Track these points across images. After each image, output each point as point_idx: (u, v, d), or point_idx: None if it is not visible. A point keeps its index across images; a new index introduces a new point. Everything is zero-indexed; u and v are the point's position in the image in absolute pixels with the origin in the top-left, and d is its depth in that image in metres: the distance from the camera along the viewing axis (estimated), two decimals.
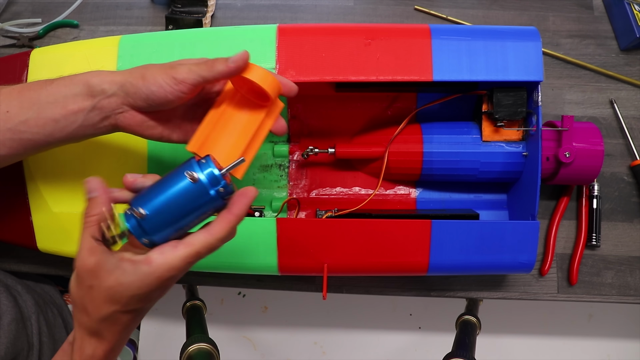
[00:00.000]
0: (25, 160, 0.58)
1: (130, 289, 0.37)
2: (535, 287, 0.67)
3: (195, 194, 0.38)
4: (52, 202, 0.58)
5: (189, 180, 0.38)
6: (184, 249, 0.38)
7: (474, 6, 0.76)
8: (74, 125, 0.45)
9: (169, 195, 0.38)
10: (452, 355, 0.54)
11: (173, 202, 0.38)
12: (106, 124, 0.46)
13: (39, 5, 0.76)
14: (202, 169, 0.39)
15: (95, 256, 0.37)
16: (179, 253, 0.38)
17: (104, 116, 0.45)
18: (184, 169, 0.39)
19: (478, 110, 0.61)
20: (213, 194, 0.38)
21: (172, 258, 0.38)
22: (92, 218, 0.38)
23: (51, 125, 0.45)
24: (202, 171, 0.38)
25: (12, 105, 0.45)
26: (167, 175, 0.40)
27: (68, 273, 0.68)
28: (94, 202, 0.39)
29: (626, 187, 0.69)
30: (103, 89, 0.44)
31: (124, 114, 0.45)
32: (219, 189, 0.38)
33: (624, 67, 0.73)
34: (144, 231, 0.38)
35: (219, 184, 0.38)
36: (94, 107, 0.44)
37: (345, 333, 1.09)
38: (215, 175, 0.38)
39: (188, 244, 0.38)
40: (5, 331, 0.58)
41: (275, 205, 0.65)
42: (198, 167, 0.39)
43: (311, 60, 0.55)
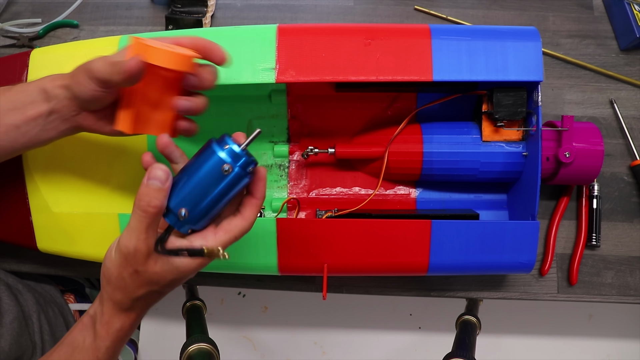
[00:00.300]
0: (25, 160, 0.58)
1: (173, 274, 0.39)
2: (535, 287, 0.67)
3: (228, 180, 0.39)
4: (52, 202, 0.58)
5: (220, 171, 0.39)
6: (224, 235, 0.40)
7: (474, 6, 0.76)
8: (36, 129, 0.46)
9: (204, 187, 0.39)
10: (452, 355, 0.54)
11: (208, 193, 0.39)
12: (68, 127, 0.47)
13: (39, 5, 0.76)
14: (222, 146, 0.39)
15: (147, 244, 0.38)
16: (219, 239, 0.40)
17: (63, 119, 0.47)
18: (211, 156, 0.39)
19: (478, 110, 0.61)
20: (239, 171, 0.39)
21: (215, 243, 0.40)
22: (154, 209, 0.38)
23: (14, 131, 0.46)
24: (227, 154, 0.39)
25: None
26: (194, 165, 0.40)
27: (68, 273, 0.68)
28: (161, 193, 0.38)
29: (626, 187, 0.69)
30: (56, 94, 0.45)
31: (79, 115, 0.46)
32: (243, 165, 0.39)
33: (624, 67, 0.73)
34: (185, 223, 0.40)
35: (242, 160, 0.39)
36: (51, 111, 0.46)
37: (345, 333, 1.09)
38: (238, 152, 0.39)
39: (227, 230, 0.40)
40: (8, 329, 0.58)
41: (275, 205, 0.65)
42: (222, 149, 0.39)
43: (311, 60, 0.55)
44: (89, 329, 0.41)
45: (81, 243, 0.58)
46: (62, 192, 0.59)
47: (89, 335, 0.41)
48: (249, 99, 0.65)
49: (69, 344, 0.41)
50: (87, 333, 0.41)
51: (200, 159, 0.40)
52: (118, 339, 0.41)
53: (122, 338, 0.42)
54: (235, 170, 0.39)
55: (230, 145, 0.39)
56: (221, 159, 0.39)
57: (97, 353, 0.41)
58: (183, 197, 0.39)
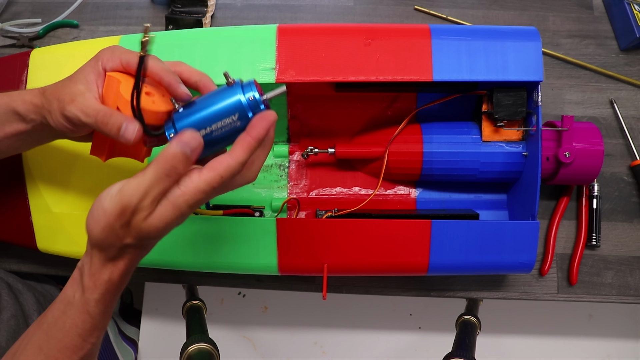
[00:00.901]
0: (25, 160, 0.58)
1: (160, 229, 0.38)
2: (535, 287, 0.67)
3: (226, 94, 0.40)
4: (52, 202, 0.58)
5: (226, 85, 0.40)
6: (208, 173, 0.38)
7: (474, 6, 0.76)
8: (18, 143, 0.48)
9: (205, 97, 0.41)
10: (452, 355, 0.54)
11: (206, 102, 0.40)
12: (50, 137, 0.48)
13: (39, 5, 0.76)
14: (244, 89, 0.40)
15: (153, 205, 0.37)
16: (203, 177, 0.38)
17: (44, 134, 0.47)
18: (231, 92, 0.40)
19: (478, 110, 0.61)
20: (244, 103, 0.39)
21: (199, 181, 0.38)
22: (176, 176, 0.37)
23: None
24: (243, 90, 0.40)
25: None
26: (211, 93, 0.41)
27: (68, 273, 0.68)
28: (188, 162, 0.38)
29: (626, 187, 0.69)
30: (32, 118, 0.45)
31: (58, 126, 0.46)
32: (250, 97, 0.40)
33: (624, 67, 0.73)
34: (173, 126, 0.40)
35: (250, 91, 0.40)
36: (31, 130, 0.46)
37: (345, 333, 1.09)
38: (250, 81, 0.40)
39: (211, 168, 0.38)
40: (5, 325, 0.58)
41: (275, 205, 0.65)
42: (240, 87, 0.40)
43: (311, 60, 0.55)
44: (78, 282, 0.40)
45: (81, 243, 0.58)
46: (62, 192, 0.59)
47: (78, 289, 0.39)
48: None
49: (61, 300, 0.40)
50: (77, 287, 0.39)
51: (221, 91, 0.41)
52: (107, 291, 0.39)
53: (111, 290, 0.40)
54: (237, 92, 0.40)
55: (253, 92, 0.40)
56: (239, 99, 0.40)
57: (86, 306, 0.39)
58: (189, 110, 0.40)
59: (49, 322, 0.40)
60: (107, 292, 0.39)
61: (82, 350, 0.40)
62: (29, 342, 0.40)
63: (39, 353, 0.39)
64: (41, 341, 0.39)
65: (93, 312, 0.39)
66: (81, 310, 0.39)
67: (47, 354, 0.39)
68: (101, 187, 0.60)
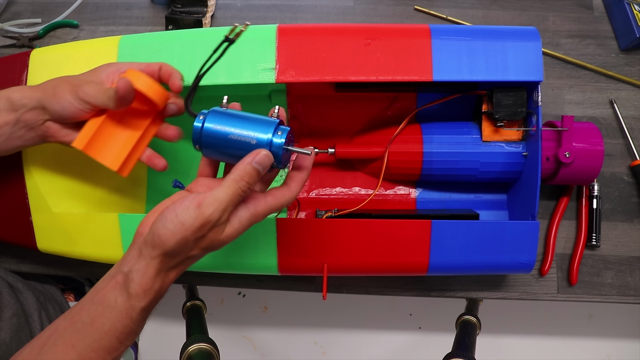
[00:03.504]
0: (26, 160, 0.58)
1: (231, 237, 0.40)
2: (535, 287, 0.67)
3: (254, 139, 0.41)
4: (52, 202, 0.58)
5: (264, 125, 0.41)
6: (274, 201, 0.42)
7: (474, 6, 0.76)
8: (2, 138, 0.49)
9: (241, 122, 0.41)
10: (452, 355, 0.54)
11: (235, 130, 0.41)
12: (33, 136, 0.50)
13: (39, 5, 0.76)
14: (276, 133, 0.41)
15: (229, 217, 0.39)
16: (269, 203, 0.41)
17: (29, 128, 0.49)
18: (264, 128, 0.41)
19: (478, 110, 0.61)
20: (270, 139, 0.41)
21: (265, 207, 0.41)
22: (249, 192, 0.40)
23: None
24: (275, 133, 0.41)
25: None
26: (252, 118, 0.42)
27: (68, 273, 0.68)
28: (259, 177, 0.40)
29: (626, 187, 0.69)
30: (24, 104, 0.48)
31: (45, 125, 0.50)
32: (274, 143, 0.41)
33: (624, 67, 0.73)
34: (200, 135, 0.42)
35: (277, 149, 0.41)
36: (17, 120, 0.49)
37: (345, 333, 1.09)
38: (279, 143, 0.41)
39: (276, 197, 0.42)
40: (7, 323, 0.58)
41: None
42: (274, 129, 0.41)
43: (311, 60, 0.55)
44: (122, 288, 0.39)
45: (81, 243, 0.58)
46: (62, 192, 0.59)
47: (121, 294, 0.39)
48: (249, 99, 0.65)
49: (99, 302, 0.40)
50: (120, 292, 0.39)
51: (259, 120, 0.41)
52: (154, 300, 0.40)
53: (158, 298, 0.41)
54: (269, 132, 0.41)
55: (281, 140, 0.41)
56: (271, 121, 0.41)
57: (131, 312, 0.39)
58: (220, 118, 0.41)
59: (84, 322, 0.39)
60: (154, 300, 0.40)
61: (117, 352, 0.40)
62: (60, 338, 0.39)
63: (71, 350, 0.39)
64: (74, 339, 0.39)
65: (136, 318, 0.40)
66: (124, 315, 0.39)
67: (80, 352, 0.39)
68: (101, 187, 0.60)
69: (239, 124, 0.41)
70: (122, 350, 0.41)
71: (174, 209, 0.38)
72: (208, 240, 0.39)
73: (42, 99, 0.48)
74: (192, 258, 0.40)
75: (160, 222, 0.38)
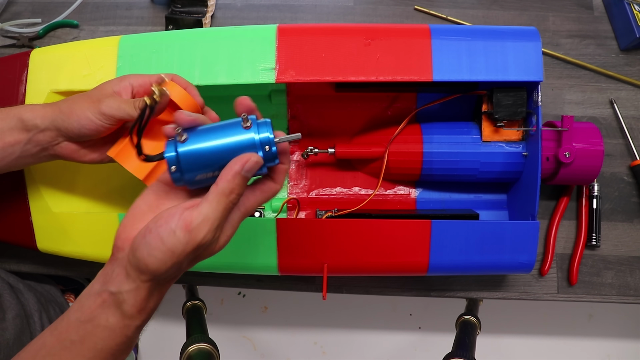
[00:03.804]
0: None
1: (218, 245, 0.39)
2: (535, 287, 0.67)
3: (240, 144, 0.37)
4: (52, 202, 0.58)
5: (241, 127, 0.37)
6: (261, 195, 0.39)
7: (474, 6, 0.76)
8: (13, 156, 0.48)
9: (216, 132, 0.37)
10: (452, 355, 0.54)
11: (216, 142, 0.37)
12: (45, 154, 0.49)
13: (39, 5, 0.76)
14: (260, 128, 0.38)
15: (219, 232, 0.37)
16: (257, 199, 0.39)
17: (41, 148, 0.48)
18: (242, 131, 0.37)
19: (478, 110, 0.61)
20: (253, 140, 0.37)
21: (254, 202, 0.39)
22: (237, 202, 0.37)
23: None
24: (258, 129, 0.37)
25: None
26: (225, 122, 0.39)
27: (68, 273, 0.68)
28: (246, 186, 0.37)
29: (626, 187, 0.69)
30: (36, 124, 0.47)
31: (59, 145, 0.48)
32: (266, 150, 0.37)
33: (624, 67, 0.73)
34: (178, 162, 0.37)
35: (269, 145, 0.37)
36: (29, 140, 0.47)
37: (345, 333, 1.09)
38: (268, 137, 0.37)
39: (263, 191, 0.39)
40: (11, 324, 0.58)
41: (275, 205, 0.65)
42: (256, 125, 0.38)
43: (311, 60, 0.55)
44: (113, 307, 0.38)
45: (81, 243, 0.58)
46: (62, 192, 0.59)
47: (113, 314, 0.37)
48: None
49: (87, 320, 0.38)
50: (111, 312, 0.37)
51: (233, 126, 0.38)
52: (149, 316, 0.39)
53: (152, 313, 0.39)
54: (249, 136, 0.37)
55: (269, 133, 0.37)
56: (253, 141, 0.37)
57: (126, 331, 0.38)
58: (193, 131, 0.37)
59: (73, 340, 0.38)
60: (148, 317, 0.39)
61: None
62: (48, 355, 0.38)
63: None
64: (65, 357, 0.38)
65: (131, 336, 0.39)
66: (118, 334, 0.38)
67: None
68: (101, 187, 0.60)
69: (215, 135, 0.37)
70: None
71: (158, 233, 0.35)
72: (202, 257, 0.38)
73: (56, 119, 0.46)
74: (184, 271, 0.39)
75: (146, 250, 0.35)
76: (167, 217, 0.35)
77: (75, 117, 0.46)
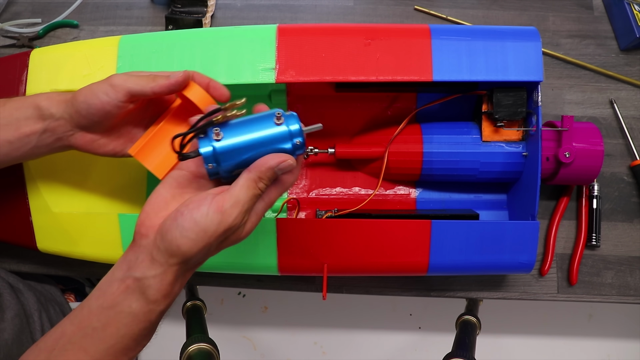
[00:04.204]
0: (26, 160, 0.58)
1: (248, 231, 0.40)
2: (535, 287, 0.67)
3: (274, 137, 0.39)
4: (52, 202, 0.58)
5: (274, 122, 0.39)
6: (282, 186, 0.40)
7: (474, 6, 0.76)
8: (28, 146, 0.48)
9: (249, 128, 0.39)
10: (452, 355, 0.54)
11: (251, 136, 0.39)
12: (60, 145, 0.48)
13: (39, 5, 0.76)
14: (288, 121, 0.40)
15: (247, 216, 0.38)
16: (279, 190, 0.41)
17: (56, 138, 0.48)
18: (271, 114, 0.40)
19: (478, 110, 0.61)
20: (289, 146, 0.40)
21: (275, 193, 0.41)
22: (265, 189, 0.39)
23: (6, 146, 0.47)
24: (287, 122, 0.39)
25: None
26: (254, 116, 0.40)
27: (68, 273, 0.68)
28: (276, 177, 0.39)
29: (626, 187, 0.69)
30: (51, 113, 0.46)
31: (74, 135, 0.48)
32: (295, 142, 0.40)
33: (624, 67, 0.73)
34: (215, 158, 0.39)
35: (298, 136, 0.40)
36: (45, 129, 0.47)
37: (345, 333, 1.09)
38: (299, 128, 0.40)
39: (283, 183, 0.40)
40: (10, 324, 0.58)
41: (275, 205, 0.65)
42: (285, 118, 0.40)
43: (311, 60, 0.55)
44: (136, 293, 0.38)
45: (81, 243, 0.58)
46: (62, 192, 0.59)
47: (137, 300, 0.38)
48: (249, 99, 0.65)
49: (109, 307, 0.38)
50: (135, 298, 0.38)
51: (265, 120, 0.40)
52: (172, 301, 0.40)
53: (175, 298, 0.40)
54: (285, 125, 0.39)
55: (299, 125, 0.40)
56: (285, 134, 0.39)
57: (149, 316, 0.38)
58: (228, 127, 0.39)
59: (95, 327, 0.38)
60: (172, 301, 0.40)
61: (134, 352, 0.40)
62: (69, 344, 0.38)
63: (84, 355, 0.38)
64: (86, 344, 0.38)
65: (155, 320, 0.39)
66: (141, 319, 0.38)
67: (94, 356, 0.38)
68: (101, 187, 0.60)
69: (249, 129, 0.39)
70: (139, 350, 0.40)
71: (191, 216, 0.36)
72: (229, 241, 0.39)
73: (72, 103, 0.45)
74: (209, 257, 0.40)
75: (178, 232, 0.36)
76: (199, 201, 0.37)
77: (83, 97, 0.45)
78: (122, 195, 0.63)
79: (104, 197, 0.61)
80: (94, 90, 0.44)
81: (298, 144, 0.40)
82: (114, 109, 0.45)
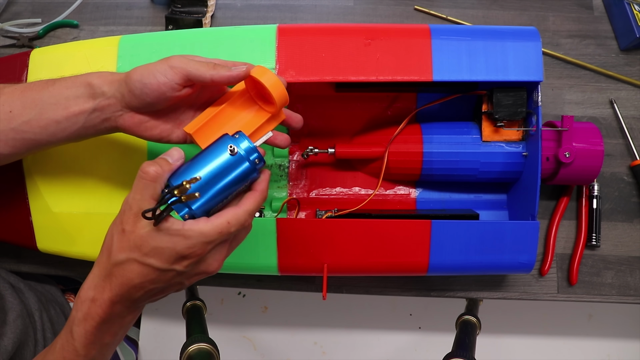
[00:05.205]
0: (25, 160, 0.58)
1: (156, 240, 0.38)
2: (535, 287, 0.67)
3: (234, 166, 0.41)
4: (52, 202, 0.58)
5: (229, 154, 0.40)
6: (215, 219, 0.39)
7: (474, 6, 0.76)
8: (76, 126, 0.46)
9: (210, 170, 0.40)
10: (452, 355, 0.54)
11: (214, 176, 0.40)
12: (107, 125, 0.47)
13: (39, 5, 0.76)
14: (238, 142, 0.41)
15: (138, 204, 0.38)
16: (210, 222, 0.39)
17: (105, 118, 0.46)
18: (221, 144, 0.41)
19: (478, 110, 0.61)
20: (249, 165, 0.41)
21: (204, 225, 0.39)
22: (148, 176, 0.39)
23: (53, 126, 0.46)
24: (238, 144, 0.41)
25: (15, 105, 0.45)
26: (206, 154, 0.41)
27: (68, 273, 0.68)
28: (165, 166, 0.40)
29: (626, 187, 0.69)
30: (103, 91, 0.45)
31: (123, 116, 0.46)
32: (255, 160, 0.41)
33: (624, 67, 0.73)
34: (187, 206, 0.40)
35: (254, 155, 0.41)
36: (94, 108, 0.45)
37: (345, 333, 1.09)
38: (250, 147, 0.41)
39: (219, 215, 0.40)
40: (12, 326, 0.58)
41: (275, 205, 0.65)
42: (234, 141, 0.41)
43: (311, 60, 0.55)
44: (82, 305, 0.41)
45: (81, 243, 0.58)
46: (62, 192, 0.59)
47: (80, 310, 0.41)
48: None
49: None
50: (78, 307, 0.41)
51: (213, 150, 0.41)
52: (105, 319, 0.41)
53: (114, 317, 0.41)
54: (245, 164, 0.41)
55: (246, 141, 0.41)
56: (222, 142, 0.41)
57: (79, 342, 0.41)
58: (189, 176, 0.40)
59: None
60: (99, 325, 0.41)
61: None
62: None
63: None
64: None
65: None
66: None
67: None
68: (101, 187, 0.60)
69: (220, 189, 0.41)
70: None
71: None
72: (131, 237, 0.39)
73: (122, 82, 0.44)
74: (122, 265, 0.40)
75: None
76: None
77: (139, 75, 0.43)
78: (122, 195, 0.63)
79: (104, 197, 0.61)
80: (152, 70, 0.43)
81: (257, 162, 0.42)
82: (169, 91, 0.43)
